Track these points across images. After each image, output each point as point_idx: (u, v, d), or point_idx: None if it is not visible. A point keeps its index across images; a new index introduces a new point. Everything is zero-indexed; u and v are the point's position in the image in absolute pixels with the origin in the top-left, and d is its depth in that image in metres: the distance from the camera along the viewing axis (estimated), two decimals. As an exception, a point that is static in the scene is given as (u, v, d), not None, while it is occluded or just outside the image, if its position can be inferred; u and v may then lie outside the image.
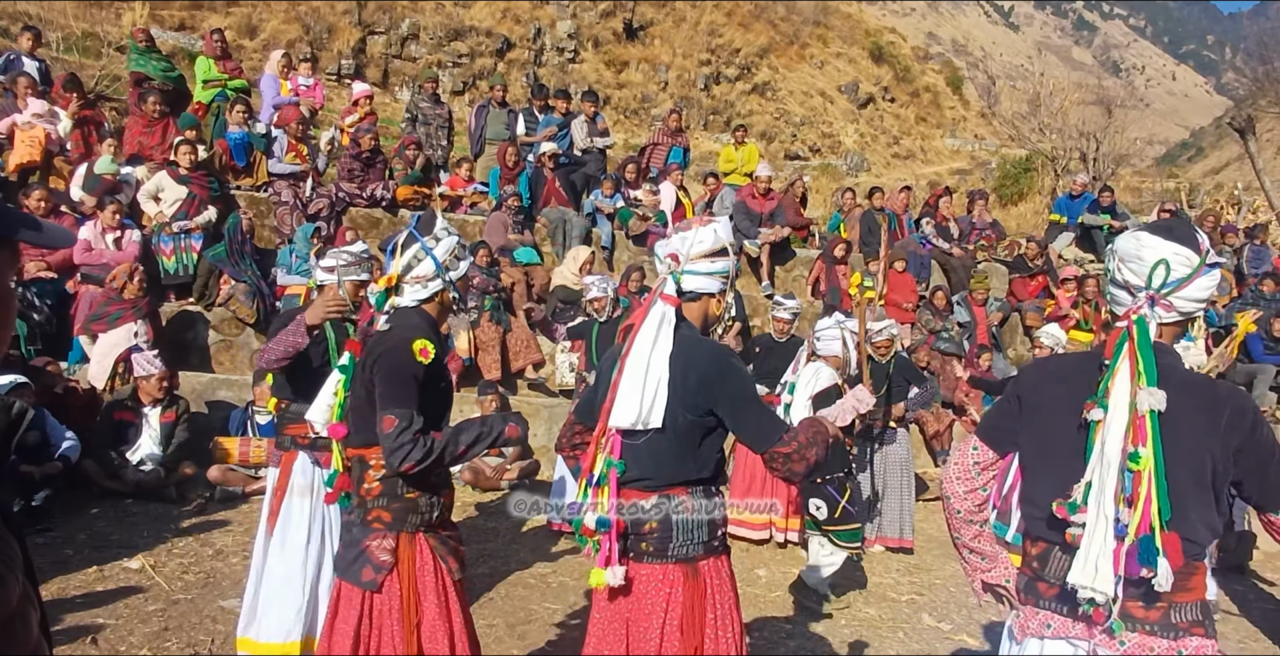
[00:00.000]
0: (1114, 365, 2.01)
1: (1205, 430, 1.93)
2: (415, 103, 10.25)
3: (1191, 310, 2.09)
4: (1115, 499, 1.94)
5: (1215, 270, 2.09)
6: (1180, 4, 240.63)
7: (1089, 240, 11.13)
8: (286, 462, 3.93)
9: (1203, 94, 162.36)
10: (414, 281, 2.81)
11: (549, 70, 28.37)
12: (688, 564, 2.29)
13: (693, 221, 2.45)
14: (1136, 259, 2.08)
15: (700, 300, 2.44)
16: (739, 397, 2.29)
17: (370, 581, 2.69)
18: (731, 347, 2.43)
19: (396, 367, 2.69)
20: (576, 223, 9.33)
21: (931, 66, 45.63)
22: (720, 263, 2.41)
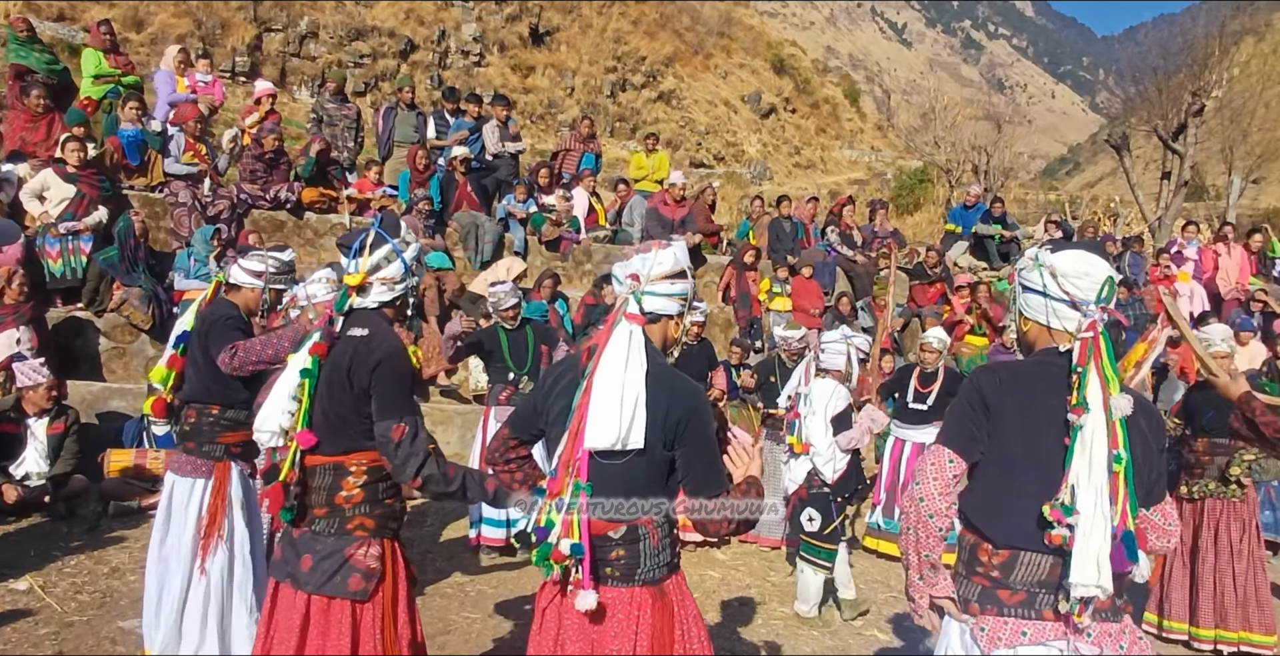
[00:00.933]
0: (1086, 372, 2.13)
1: (1144, 433, 2.13)
2: (321, 103, 9.98)
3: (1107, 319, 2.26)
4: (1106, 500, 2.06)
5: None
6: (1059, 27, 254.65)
7: (982, 249, 11.66)
8: (221, 473, 3.77)
9: (1079, 112, 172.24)
10: (381, 282, 2.76)
11: (454, 73, 27.99)
12: (654, 586, 2.27)
13: (651, 243, 2.45)
14: (1085, 276, 2.21)
15: (659, 322, 2.40)
16: (705, 441, 2.28)
17: (361, 590, 2.61)
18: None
19: (399, 375, 2.66)
20: (489, 228, 9.24)
21: (830, 79, 46.95)
22: (679, 285, 2.40)
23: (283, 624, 2.64)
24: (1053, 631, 2.10)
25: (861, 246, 10.70)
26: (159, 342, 7.75)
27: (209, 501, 3.74)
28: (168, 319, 7.60)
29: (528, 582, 5.59)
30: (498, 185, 10.06)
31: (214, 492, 3.75)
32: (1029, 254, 2.39)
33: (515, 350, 6.27)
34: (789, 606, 5.75)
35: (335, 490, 2.67)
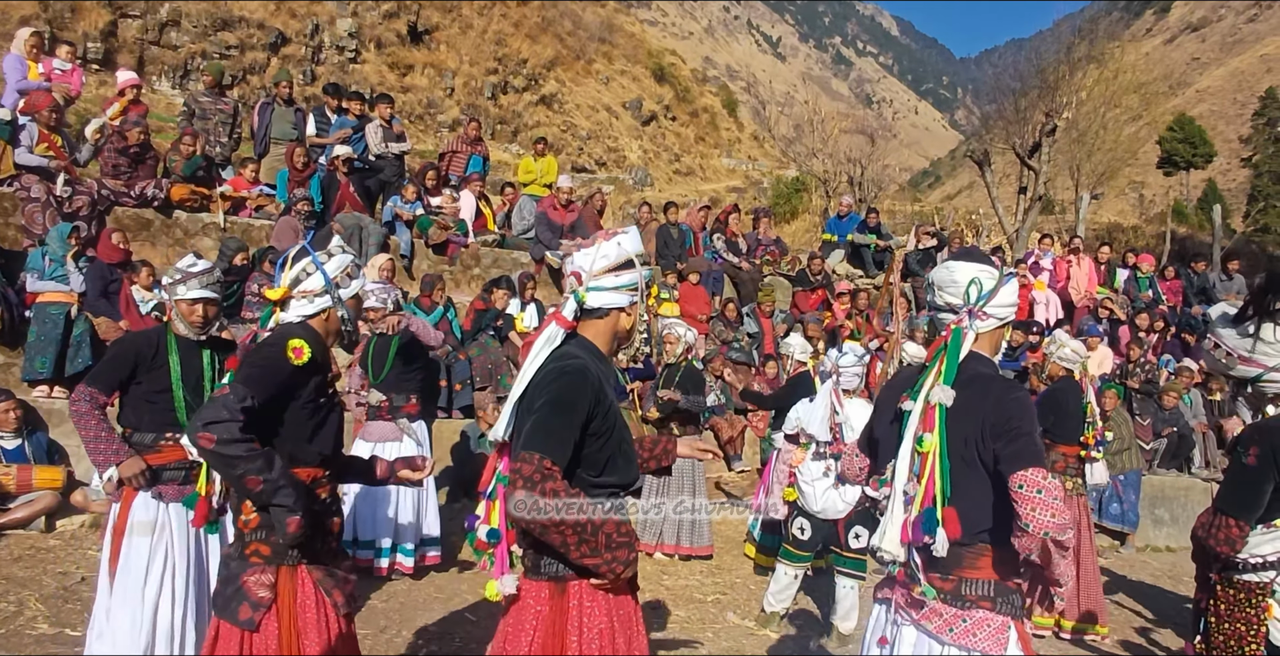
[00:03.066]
0: (930, 367, 2.40)
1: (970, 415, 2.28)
2: (194, 96, 9.46)
3: (1005, 315, 2.46)
4: (907, 476, 2.33)
5: (1013, 279, 2.48)
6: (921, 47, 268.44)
7: (858, 257, 12.15)
8: (126, 498, 3.55)
9: (940, 128, 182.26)
10: (301, 295, 2.72)
11: (328, 69, 27.08)
12: (555, 582, 2.25)
13: (597, 236, 2.42)
14: (952, 283, 2.46)
15: (608, 315, 2.38)
16: (538, 405, 2.19)
17: (248, 620, 2.51)
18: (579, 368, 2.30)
19: (263, 356, 2.58)
20: (374, 230, 8.97)
21: (709, 89, 47.88)
22: (625, 275, 2.36)
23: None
24: (887, 593, 2.45)
25: (746, 254, 10.96)
26: (7, 349, 7.17)
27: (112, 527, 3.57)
28: (19, 323, 7.04)
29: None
30: (382, 186, 9.78)
31: (115, 520, 3.57)
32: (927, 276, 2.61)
33: (377, 357, 6.06)
34: (682, 609, 5.83)
35: (237, 512, 2.64)
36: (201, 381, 3.71)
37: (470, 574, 6.27)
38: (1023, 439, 2.20)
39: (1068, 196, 20.53)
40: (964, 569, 2.28)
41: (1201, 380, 9.91)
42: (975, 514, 2.26)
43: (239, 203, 8.82)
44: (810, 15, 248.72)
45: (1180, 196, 36.91)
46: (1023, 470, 2.15)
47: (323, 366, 2.73)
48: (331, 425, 2.76)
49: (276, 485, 2.44)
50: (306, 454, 2.67)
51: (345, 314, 2.77)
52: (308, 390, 2.64)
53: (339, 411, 2.83)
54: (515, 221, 10.32)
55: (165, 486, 3.62)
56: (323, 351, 2.75)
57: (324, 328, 2.78)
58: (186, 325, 3.67)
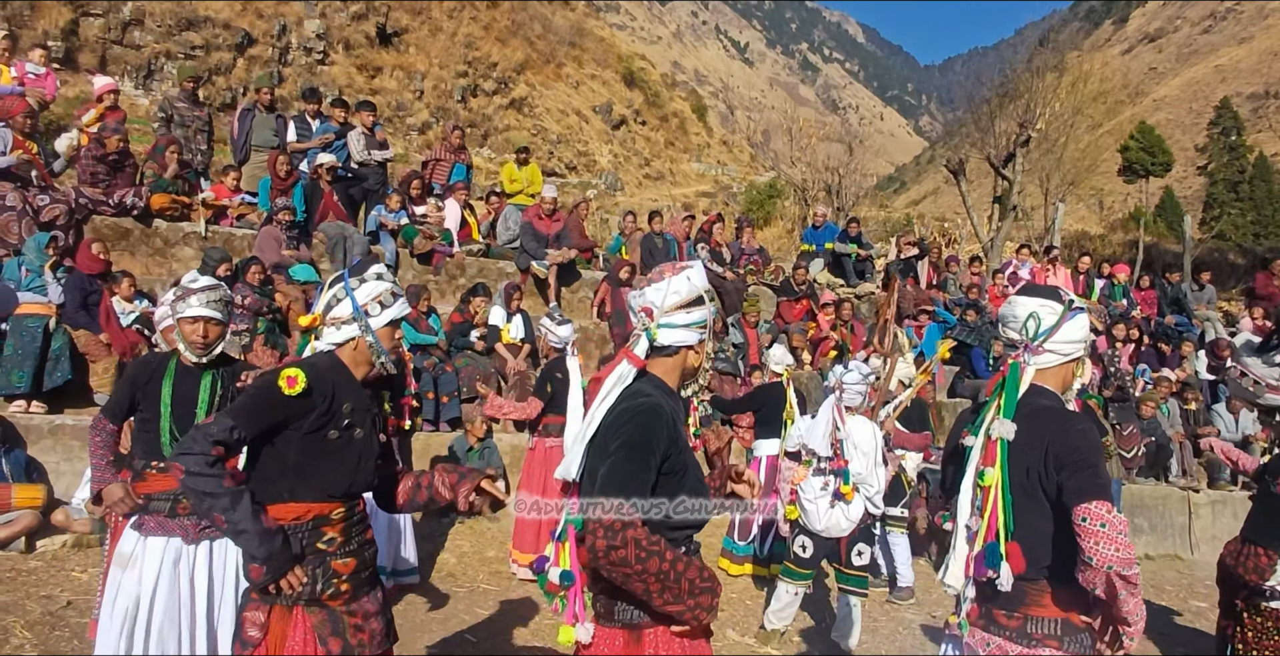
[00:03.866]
0: (990, 402, 2.43)
1: (1032, 447, 2.28)
2: (170, 102, 9.24)
3: (1070, 351, 2.45)
4: (970, 511, 2.34)
5: (1081, 314, 2.47)
6: (886, 54, 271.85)
7: (839, 266, 12.21)
8: (116, 528, 3.43)
9: (905, 134, 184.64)
10: (331, 323, 2.65)
11: (295, 70, 26.78)
12: (630, 629, 2.18)
13: (664, 269, 2.33)
14: (1013, 318, 2.48)
15: (678, 353, 2.31)
16: (614, 447, 2.13)
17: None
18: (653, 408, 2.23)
19: (255, 387, 2.54)
20: (358, 239, 8.84)
21: (679, 94, 47.99)
22: (697, 312, 2.28)
23: None
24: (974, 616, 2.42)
25: (730, 263, 10.97)
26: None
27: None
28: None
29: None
30: (365, 194, 9.64)
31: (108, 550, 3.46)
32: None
33: None
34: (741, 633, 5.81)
35: None
36: (194, 408, 3.55)
37: (465, 593, 6.18)
38: (1086, 471, 2.19)
39: (1031, 203, 20.86)
40: (1029, 606, 2.28)
41: (1178, 390, 10.10)
42: (1038, 548, 2.26)
43: (220, 211, 8.65)
44: (777, 21, 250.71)
45: (1140, 204, 37.65)
46: (1086, 503, 2.14)
47: (336, 397, 2.59)
48: (349, 459, 2.62)
49: (237, 528, 2.39)
50: (308, 489, 2.56)
51: (373, 342, 2.66)
52: (308, 422, 2.53)
53: (367, 444, 2.68)
54: (500, 231, 10.23)
55: (149, 516, 3.47)
56: (347, 384, 2.65)
57: (351, 357, 2.69)
58: (187, 346, 3.52)
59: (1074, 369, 2.50)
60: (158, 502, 3.47)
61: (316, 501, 2.57)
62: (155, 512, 3.47)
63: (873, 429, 5.59)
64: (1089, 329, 2.50)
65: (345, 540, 2.62)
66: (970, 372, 10.26)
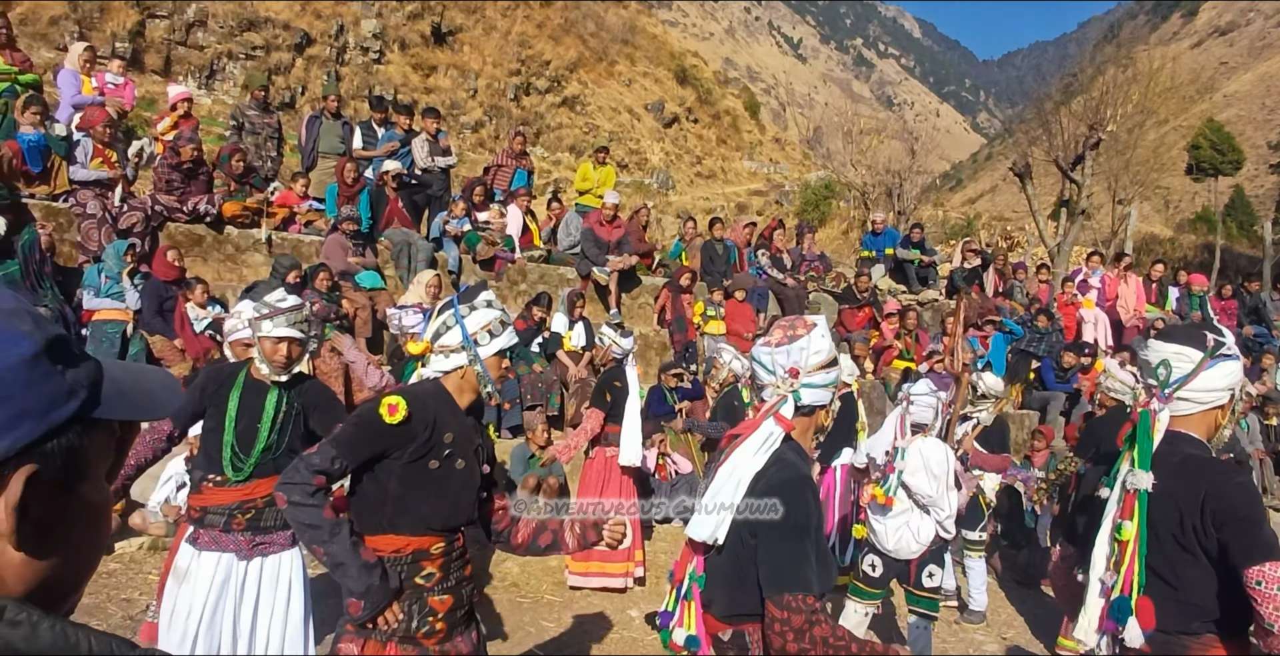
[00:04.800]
0: (1122, 452, 2.32)
1: (1188, 501, 2.16)
2: (242, 110, 9.40)
3: (1211, 400, 2.30)
4: (1106, 565, 2.26)
5: (1228, 361, 2.30)
6: (943, 49, 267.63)
7: (901, 272, 12.00)
8: (178, 536, 3.45)
9: (961, 131, 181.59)
10: (440, 350, 2.63)
11: (352, 70, 27.16)
12: None
13: (796, 324, 2.26)
14: (1148, 363, 2.36)
15: (813, 413, 2.26)
16: (776, 527, 2.06)
17: None
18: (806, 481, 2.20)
19: (356, 415, 2.54)
20: (422, 246, 8.90)
21: (731, 91, 47.70)
22: (833, 372, 2.25)
23: None
24: None
25: (791, 270, 10.84)
26: (63, 366, 7.13)
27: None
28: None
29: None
30: (429, 201, 9.71)
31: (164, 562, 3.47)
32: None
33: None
34: None
35: None
36: (258, 422, 3.54)
37: (529, 605, 6.18)
38: (1253, 530, 2.08)
39: (1095, 202, 20.29)
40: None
41: (1258, 404, 9.73)
42: (1201, 602, 2.15)
43: (288, 218, 8.77)
44: (832, 16, 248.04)
45: (1208, 203, 36.53)
46: (1259, 565, 2.02)
47: (438, 426, 2.55)
48: (451, 490, 2.58)
49: (336, 560, 2.38)
50: (408, 521, 2.52)
51: (481, 371, 2.61)
52: (410, 451, 2.50)
53: (468, 475, 2.63)
54: (561, 236, 10.23)
55: (204, 530, 3.47)
56: (444, 409, 2.61)
57: (457, 385, 2.65)
58: (269, 365, 3.53)
59: (1219, 416, 2.35)
60: (213, 516, 3.48)
61: (416, 534, 2.54)
62: (210, 527, 3.48)
63: (945, 451, 5.45)
64: (1239, 375, 2.33)
65: (444, 576, 2.58)
66: (1039, 385, 10.00)
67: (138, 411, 0.93)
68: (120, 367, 0.94)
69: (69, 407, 0.83)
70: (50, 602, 0.83)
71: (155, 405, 0.96)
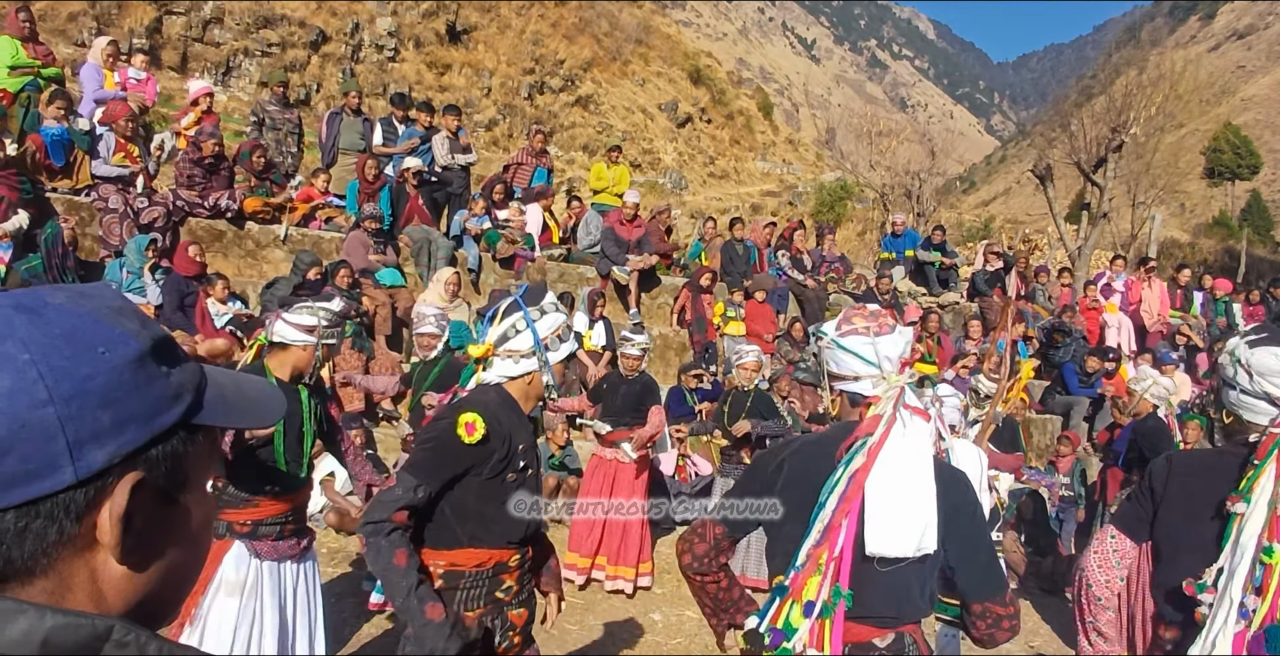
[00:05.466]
0: (1262, 465, 2.12)
1: None
2: (262, 105, 9.38)
3: None
4: (1245, 586, 2.06)
5: None
6: (958, 50, 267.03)
7: (921, 274, 11.90)
8: (216, 553, 3.37)
9: (975, 133, 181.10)
10: (506, 355, 2.51)
11: (367, 67, 27.19)
12: None
13: (876, 314, 2.18)
14: (1271, 373, 2.16)
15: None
16: (976, 536, 2.09)
17: None
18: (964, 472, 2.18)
19: (433, 436, 2.41)
20: (442, 243, 8.86)
21: (745, 91, 47.61)
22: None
23: None
24: None
25: (811, 271, 10.76)
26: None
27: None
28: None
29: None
30: (449, 198, 9.67)
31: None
32: (1229, 349, 2.31)
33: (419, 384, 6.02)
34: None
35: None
36: (300, 427, 3.52)
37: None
38: None
39: (1113, 205, 20.15)
40: None
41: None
42: None
43: (308, 214, 8.74)
44: (846, 17, 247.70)
45: (1225, 207, 36.28)
46: None
47: (513, 439, 2.47)
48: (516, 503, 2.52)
49: (411, 617, 2.27)
50: (489, 534, 2.45)
51: (550, 380, 2.54)
52: (489, 467, 2.42)
53: (531, 485, 2.58)
54: (581, 235, 10.18)
55: (260, 542, 3.42)
56: (518, 419, 2.54)
57: (524, 392, 2.57)
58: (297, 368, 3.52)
59: None
60: (267, 528, 3.44)
61: (497, 547, 2.47)
62: (264, 538, 3.44)
63: (978, 454, 5.38)
64: None
65: (519, 589, 2.54)
66: (1062, 389, 9.89)
67: (243, 419, 0.88)
68: (222, 373, 0.89)
69: (174, 412, 0.77)
70: (148, 622, 0.77)
71: (260, 413, 0.91)
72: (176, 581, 0.82)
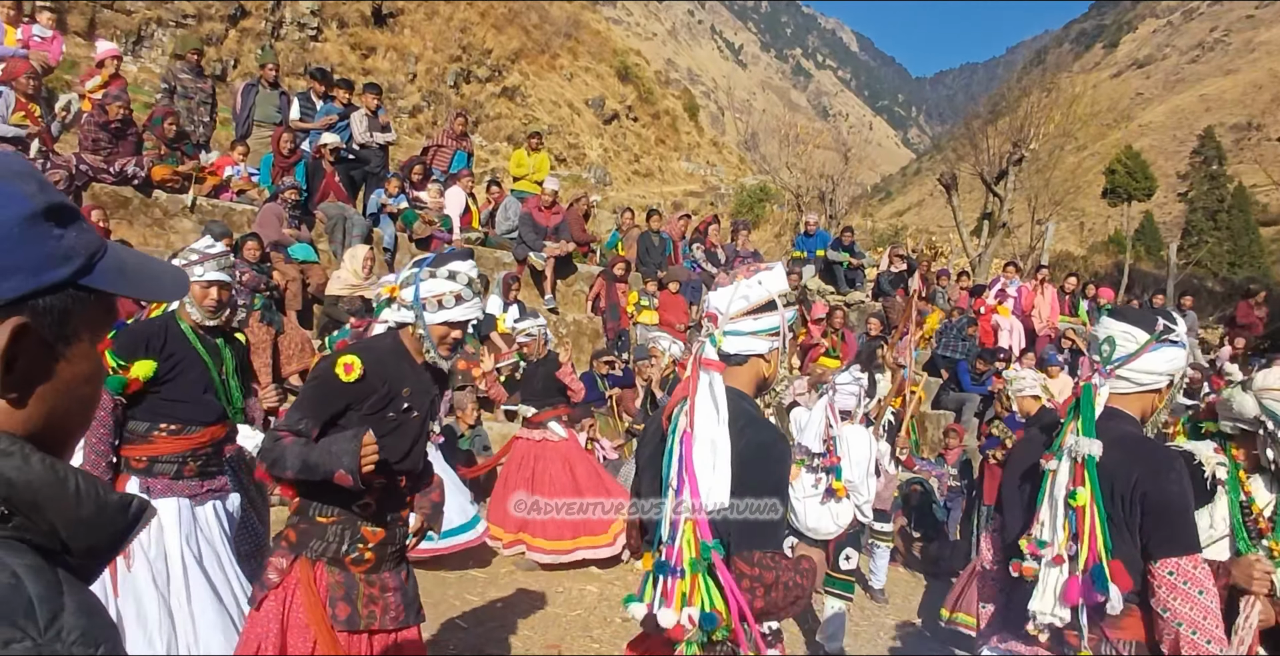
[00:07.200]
0: (1066, 423, 2.32)
1: (1120, 476, 2.17)
2: (174, 72, 9.14)
3: (1149, 382, 2.31)
4: (1064, 534, 2.22)
5: (1172, 347, 2.32)
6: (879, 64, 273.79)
7: (830, 273, 12.32)
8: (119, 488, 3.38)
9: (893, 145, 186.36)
10: (399, 302, 2.74)
11: (288, 46, 26.54)
12: None
13: (739, 272, 2.22)
14: (1094, 338, 2.41)
15: (747, 362, 2.15)
16: (760, 488, 1.98)
17: (251, 598, 2.66)
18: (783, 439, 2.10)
19: (314, 375, 2.69)
20: (357, 221, 8.80)
21: (672, 92, 47.92)
22: (765, 319, 2.11)
23: None
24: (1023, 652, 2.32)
25: (724, 265, 11.03)
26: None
27: None
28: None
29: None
30: (365, 177, 9.60)
31: None
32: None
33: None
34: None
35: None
36: (223, 370, 3.67)
37: (455, 577, 6.20)
38: (1180, 521, 2.11)
39: (1015, 220, 21.12)
40: (1108, 627, 2.19)
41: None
42: (1130, 572, 2.16)
43: (220, 185, 8.58)
44: (773, 24, 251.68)
45: (1120, 227, 38.14)
46: (1177, 558, 2.08)
47: (395, 381, 2.66)
48: (403, 439, 2.71)
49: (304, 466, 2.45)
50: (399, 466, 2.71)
51: (424, 335, 2.69)
52: (368, 404, 2.63)
53: (414, 426, 2.74)
54: (499, 220, 10.22)
55: (155, 479, 3.49)
56: (402, 364, 2.71)
57: (413, 342, 2.75)
58: (199, 310, 3.60)
59: (1156, 400, 2.36)
60: (162, 465, 3.52)
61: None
62: (160, 475, 3.52)
63: (868, 438, 5.67)
64: (1181, 362, 2.34)
65: (379, 510, 2.69)
66: (955, 385, 10.39)
67: (135, 290, 0.96)
68: (133, 253, 0.98)
69: (63, 271, 0.85)
70: None
71: (156, 288, 0.99)
72: (58, 427, 0.90)
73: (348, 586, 2.62)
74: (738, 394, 2.12)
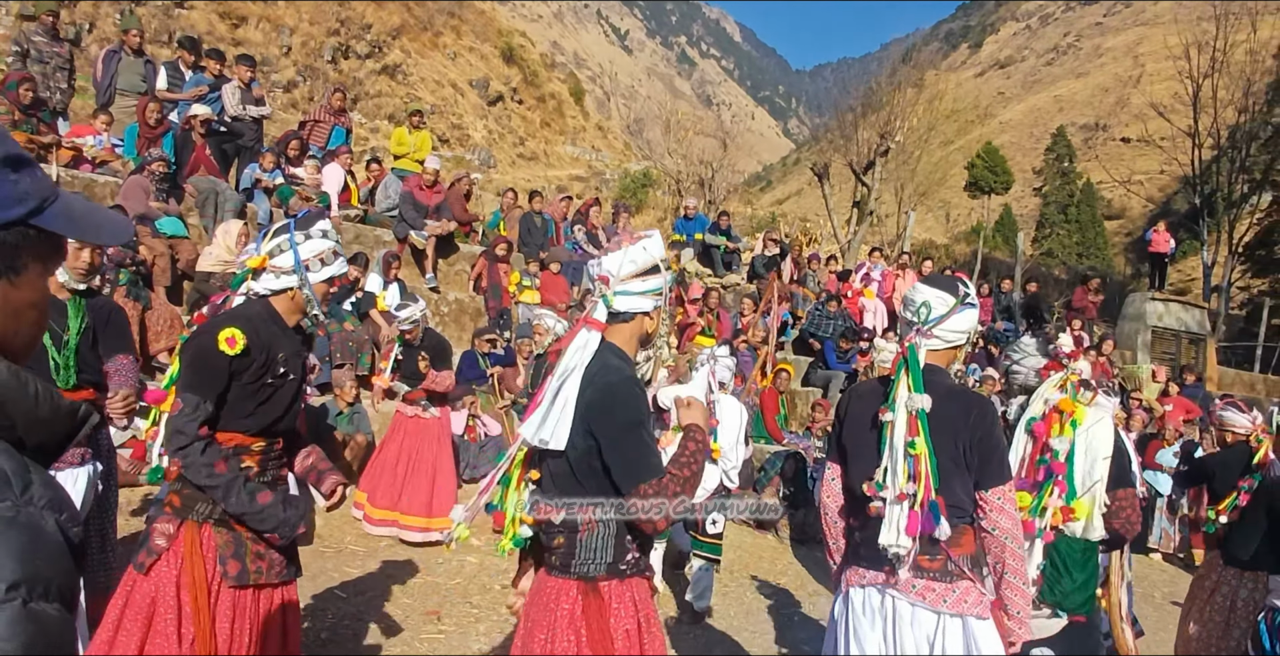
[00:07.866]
0: (895, 379, 2.69)
1: (960, 425, 2.59)
2: (27, 35, 8.65)
3: (954, 340, 2.75)
4: (904, 478, 2.61)
5: (971, 309, 2.76)
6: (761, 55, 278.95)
7: (708, 256, 12.74)
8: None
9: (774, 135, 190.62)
10: (272, 270, 2.78)
11: (150, 11, 25.28)
12: (586, 581, 2.27)
13: (623, 238, 2.44)
14: (911, 302, 2.78)
15: (634, 319, 2.40)
16: (616, 427, 2.21)
17: (139, 563, 2.63)
18: (635, 379, 2.33)
19: (196, 353, 2.68)
20: (230, 196, 8.58)
21: (558, 75, 47.73)
22: (652, 280, 2.38)
23: None
24: (881, 578, 2.68)
25: (604, 247, 11.26)
26: None
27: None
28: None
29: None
30: (239, 151, 9.35)
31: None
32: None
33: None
34: None
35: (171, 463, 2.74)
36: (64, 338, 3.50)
37: (333, 554, 6.24)
38: (1001, 455, 2.62)
39: (885, 210, 22.22)
40: (951, 547, 2.60)
41: (1002, 388, 11.13)
42: (960, 504, 2.61)
43: (78, 155, 8.20)
44: (658, 12, 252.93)
45: (981, 218, 40.27)
46: (1001, 486, 2.58)
47: (272, 348, 2.74)
48: (281, 401, 2.81)
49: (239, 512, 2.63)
50: (236, 421, 2.73)
51: (309, 295, 2.81)
52: (250, 372, 2.70)
53: (290, 388, 2.84)
54: (380, 198, 10.13)
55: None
56: (275, 330, 2.80)
57: (287, 306, 2.84)
58: (68, 273, 3.52)
59: (955, 354, 2.81)
60: None
61: (239, 433, 2.74)
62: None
63: (740, 408, 6.04)
64: (975, 322, 2.80)
65: (260, 471, 2.79)
66: (822, 364, 10.97)
67: (79, 232, 1.10)
68: (84, 202, 1.12)
69: (16, 210, 0.99)
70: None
71: (99, 232, 1.13)
72: (8, 344, 1.04)
73: (236, 544, 2.70)
74: (610, 347, 2.39)
